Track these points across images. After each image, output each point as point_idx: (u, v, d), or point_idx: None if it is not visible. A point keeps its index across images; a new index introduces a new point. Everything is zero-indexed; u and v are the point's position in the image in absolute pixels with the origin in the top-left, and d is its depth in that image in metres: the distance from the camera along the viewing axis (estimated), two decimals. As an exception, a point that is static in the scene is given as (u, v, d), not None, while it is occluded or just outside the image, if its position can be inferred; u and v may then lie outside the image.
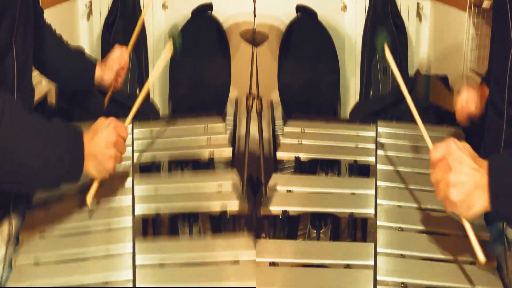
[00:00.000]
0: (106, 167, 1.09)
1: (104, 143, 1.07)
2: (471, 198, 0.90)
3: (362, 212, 1.22)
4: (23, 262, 1.06)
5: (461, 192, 0.90)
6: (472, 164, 0.91)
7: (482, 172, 0.90)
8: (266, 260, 1.07)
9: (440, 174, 0.93)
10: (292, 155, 1.49)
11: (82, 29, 2.72)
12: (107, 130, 1.09)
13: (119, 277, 1.02)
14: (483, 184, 0.90)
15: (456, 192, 0.90)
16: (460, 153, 0.92)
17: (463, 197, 0.90)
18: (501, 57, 1.11)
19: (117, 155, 1.10)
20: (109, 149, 1.08)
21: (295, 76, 2.57)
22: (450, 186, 0.91)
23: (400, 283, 1.01)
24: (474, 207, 0.91)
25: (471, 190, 0.90)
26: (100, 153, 1.07)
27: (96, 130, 1.08)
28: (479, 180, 0.90)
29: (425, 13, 2.73)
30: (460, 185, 0.90)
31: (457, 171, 0.91)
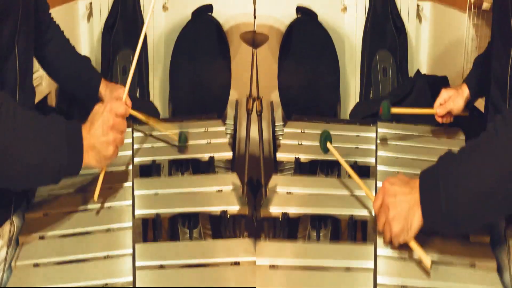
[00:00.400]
0: (106, 155, 1.06)
1: (100, 131, 1.05)
2: (408, 220, 0.97)
3: (362, 213, 1.22)
4: (23, 263, 1.06)
5: (399, 220, 0.98)
6: (404, 191, 0.98)
7: (413, 192, 0.96)
8: (266, 263, 1.07)
9: (383, 218, 1.01)
10: (292, 156, 1.49)
11: (82, 31, 2.72)
12: (102, 116, 1.07)
13: (119, 278, 1.02)
14: (416, 202, 0.96)
15: (396, 223, 0.98)
16: (394, 187, 1.00)
17: (402, 224, 0.98)
18: (501, 56, 1.10)
19: (116, 138, 1.08)
20: (107, 135, 1.06)
21: (295, 77, 2.57)
22: (391, 222, 0.99)
23: (400, 285, 1.01)
24: (412, 227, 0.98)
25: (407, 213, 0.97)
26: (98, 142, 1.05)
27: (93, 120, 1.07)
28: (412, 200, 0.96)
29: (425, 14, 2.73)
30: (397, 216, 0.98)
31: (393, 205, 0.99)
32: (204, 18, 2.57)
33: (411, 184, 0.99)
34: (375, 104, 2.35)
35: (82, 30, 2.72)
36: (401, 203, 0.98)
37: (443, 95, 1.53)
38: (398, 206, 0.98)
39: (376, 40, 2.63)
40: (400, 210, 0.98)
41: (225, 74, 2.53)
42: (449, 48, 2.47)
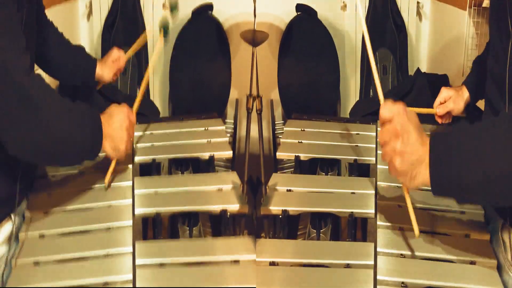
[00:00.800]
0: (120, 148, 1.19)
1: (119, 125, 1.19)
2: (413, 171, 0.93)
3: (362, 211, 1.22)
4: (23, 262, 1.06)
5: (405, 162, 0.93)
6: (417, 138, 0.94)
7: (425, 149, 0.92)
8: (266, 260, 1.07)
9: (388, 136, 0.95)
10: (292, 154, 1.49)
11: (82, 30, 2.72)
12: (121, 115, 1.20)
13: (119, 277, 1.03)
14: (425, 161, 0.92)
15: (400, 161, 0.93)
16: (409, 122, 0.95)
17: (406, 167, 0.93)
18: (499, 55, 1.10)
19: (128, 138, 1.21)
20: (123, 131, 1.20)
21: (295, 75, 2.57)
22: (396, 154, 0.94)
23: (400, 282, 1.01)
24: (416, 180, 0.93)
25: (415, 163, 0.93)
26: (116, 134, 1.18)
27: (111, 114, 1.19)
28: (423, 155, 0.92)
29: (425, 12, 2.72)
30: (405, 155, 0.93)
31: (404, 140, 0.93)
32: (204, 17, 2.57)
33: (423, 138, 0.94)
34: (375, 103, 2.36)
35: (82, 29, 2.71)
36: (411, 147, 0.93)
37: (443, 94, 1.52)
38: (409, 146, 0.93)
39: (376, 38, 2.62)
40: (410, 152, 0.92)
41: (225, 73, 2.53)
42: (449, 46, 2.47)
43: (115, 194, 1.24)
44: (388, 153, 0.95)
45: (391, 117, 0.95)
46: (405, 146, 0.93)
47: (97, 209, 1.21)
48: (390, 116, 0.96)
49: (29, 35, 1.08)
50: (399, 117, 0.95)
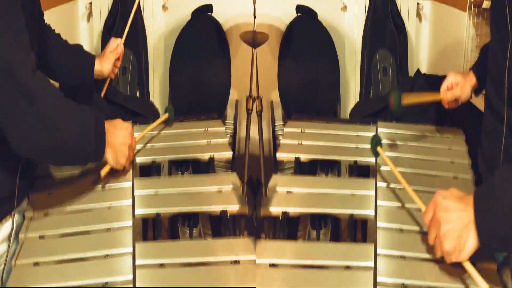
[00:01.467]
0: (120, 160, 1.23)
1: (122, 141, 1.22)
2: (461, 240, 0.91)
3: (362, 213, 1.22)
4: (23, 263, 1.06)
5: (452, 238, 0.92)
6: (458, 207, 0.93)
7: (468, 210, 0.91)
8: (266, 261, 1.07)
9: (434, 232, 0.96)
10: (292, 155, 1.49)
11: (82, 31, 2.72)
12: (125, 131, 1.23)
13: (119, 277, 1.03)
14: (470, 221, 0.90)
15: (448, 240, 0.92)
16: (446, 201, 0.94)
17: (454, 242, 0.92)
18: (498, 57, 1.10)
19: (130, 155, 1.25)
20: (125, 147, 1.22)
21: (295, 76, 2.57)
22: (442, 239, 0.93)
23: (401, 284, 1.01)
24: (466, 247, 0.91)
25: (460, 231, 0.91)
26: (118, 147, 1.21)
27: (116, 125, 1.22)
28: (466, 218, 0.91)
29: (425, 13, 2.72)
30: (450, 232, 0.92)
31: (445, 221, 0.93)
32: (204, 18, 2.57)
33: (465, 200, 0.93)
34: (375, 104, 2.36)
35: (82, 30, 2.71)
36: (454, 220, 0.92)
37: (450, 79, 1.51)
38: (451, 222, 0.92)
39: (376, 39, 2.62)
40: (453, 227, 0.92)
41: (225, 74, 2.53)
42: (449, 47, 2.47)
43: (115, 195, 1.24)
44: (438, 246, 0.95)
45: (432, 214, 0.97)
46: (447, 225, 0.92)
47: (97, 209, 1.21)
48: (431, 214, 0.97)
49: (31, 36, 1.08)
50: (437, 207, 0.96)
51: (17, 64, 0.94)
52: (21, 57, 0.96)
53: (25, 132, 0.98)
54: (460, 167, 1.41)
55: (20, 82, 0.95)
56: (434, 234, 0.96)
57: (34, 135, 0.99)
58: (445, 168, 1.41)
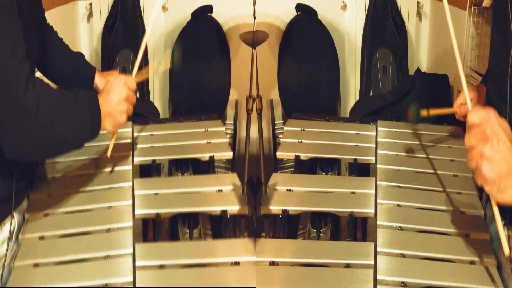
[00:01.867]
0: (120, 121, 1.20)
1: (117, 100, 1.19)
2: (503, 182, 0.86)
3: (362, 211, 1.22)
4: (23, 264, 1.07)
5: (494, 170, 0.86)
6: (509, 146, 0.87)
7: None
8: (266, 260, 1.07)
9: (475, 141, 0.89)
10: (292, 154, 1.49)
11: (82, 31, 2.72)
12: (118, 88, 1.20)
13: (119, 278, 1.03)
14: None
15: (489, 167, 0.86)
16: (499, 129, 0.88)
17: (495, 176, 0.86)
18: (500, 57, 1.10)
19: (128, 108, 1.21)
20: (122, 104, 1.19)
21: (295, 75, 2.57)
22: (483, 158, 0.87)
23: (400, 282, 1.01)
24: (505, 193, 0.87)
25: (505, 173, 0.86)
26: (115, 110, 1.18)
27: (109, 90, 1.20)
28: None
29: (425, 12, 2.72)
30: (494, 162, 0.86)
31: (494, 146, 0.87)
32: (204, 19, 2.57)
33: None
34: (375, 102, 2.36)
35: (82, 30, 2.72)
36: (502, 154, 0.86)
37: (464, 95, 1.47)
38: (498, 153, 0.86)
39: (376, 38, 2.62)
40: (499, 160, 0.86)
41: (225, 74, 2.53)
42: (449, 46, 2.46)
43: (115, 195, 1.24)
44: (474, 158, 0.88)
45: (480, 122, 0.89)
46: (494, 152, 0.86)
47: (97, 210, 1.21)
48: (479, 120, 0.90)
49: (30, 39, 1.08)
50: (490, 122, 0.89)
51: (11, 74, 0.94)
52: (15, 69, 0.95)
53: (17, 141, 0.98)
54: (461, 165, 1.41)
55: (12, 96, 0.94)
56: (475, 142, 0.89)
57: (26, 143, 0.99)
58: (445, 166, 1.40)
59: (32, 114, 0.97)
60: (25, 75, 0.97)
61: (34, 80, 0.99)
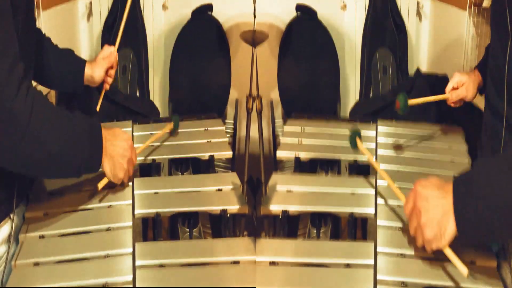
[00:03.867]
0: (118, 174, 1.18)
1: (121, 152, 1.16)
2: (442, 227, 0.93)
3: (362, 211, 1.22)
4: (23, 262, 1.06)
5: (432, 226, 0.93)
6: (437, 195, 0.94)
7: (447, 198, 0.92)
8: (266, 260, 1.07)
9: (414, 222, 0.97)
10: (292, 154, 1.49)
11: (82, 30, 2.72)
12: (125, 143, 1.17)
13: (119, 278, 1.03)
14: (450, 209, 0.91)
15: (428, 229, 0.94)
16: (426, 191, 0.96)
17: (435, 230, 0.93)
18: (498, 56, 1.10)
19: (129, 168, 1.19)
20: (124, 160, 1.17)
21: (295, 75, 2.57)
22: (423, 227, 0.94)
23: (400, 282, 1.01)
24: (446, 234, 0.93)
25: (441, 219, 0.93)
26: (116, 159, 1.15)
27: (115, 135, 1.16)
28: (446, 205, 0.92)
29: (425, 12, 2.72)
30: (430, 220, 0.94)
31: (425, 209, 0.94)
32: (204, 18, 2.57)
33: (445, 188, 0.94)
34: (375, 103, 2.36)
35: (82, 29, 2.71)
36: (434, 208, 0.93)
37: (456, 79, 1.49)
38: (431, 210, 0.94)
39: (376, 38, 2.62)
40: (433, 215, 0.93)
41: (225, 73, 2.53)
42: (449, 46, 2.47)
43: (115, 195, 1.24)
44: (418, 234, 0.97)
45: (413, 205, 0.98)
46: (427, 214, 0.94)
47: (97, 209, 1.20)
48: (412, 205, 0.99)
49: (26, 42, 1.06)
50: (417, 197, 0.97)
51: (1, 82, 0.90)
52: (5, 71, 0.90)
53: (8, 150, 0.93)
54: (460, 166, 1.41)
55: (1, 99, 0.90)
56: (415, 223, 0.97)
57: (17, 153, 0.94)
58: (445, 167, 1.41)
59: (22, 121, 0.92)
60: (17, 79, 0.92)
61: (28, 87, 0.95)
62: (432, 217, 0.93)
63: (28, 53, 1.09)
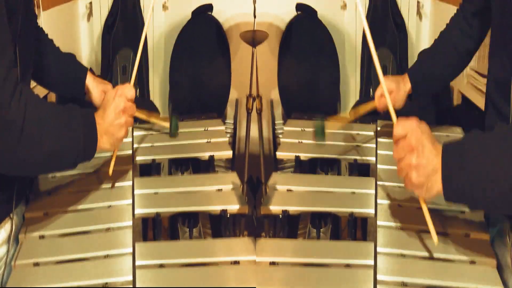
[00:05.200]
0: (119, 137, 1.14)
1: (113, 115, 1.13)
2: (429, 181, 0.94)
3: (362, 211, 1.22)
4: (23, 262, 1.06)
5: (421, 174, 0.94)
6: (431, 149, 0.94)
7: (438, 158, 0.93)
8: (266, 260, 1.07)
9: (403, 152, 0.96)
10: (292, 154, 1.49)
11: (83, 30, 2.72)
12: (114, 101, 1.15)
13: (119, 278, 1.03)
14: (438, 170, 0.93)
15: (417, 174, 0.94)
16: (422, 136, 0.96)
17: (422, 179, 0.94)
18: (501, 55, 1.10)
19: (127, 120, 1.16)
20: (119, 118, 1.14)
21: (295, 75, 2.57)
22: (412, 168, 0.94)
23: (400, 282, 1.01)
24: (432, 190, 0.94)
25: (430, 173, 0.93)
26: (112, 126, 1.13)
27: (105, 106, 1.15)
28: (436, 165, 0.93)
29: (425, 11, 2.72)
30: (421, 168, 0.94)
31: (419, 154, 0.94)
32: (204, 18, 2.57)
33: (437, 147, 0.94)
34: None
35: (82, 29, 2.72)
36: (426, 159, 0.93)
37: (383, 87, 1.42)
38: (424, 159, 0.93)
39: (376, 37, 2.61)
40: (425, 164, 0.93)
41: (225, 73, 2.53)
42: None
43: (115, 195, 1.24)
44: (404, 168, 0.96)
45: (405, 134, 0.96)
46: (420, 159, 0.94)
47: (97, 209, 1.20)
48: (404, 133, 0.97)
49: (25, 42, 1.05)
50: (413, 132, 0.96)
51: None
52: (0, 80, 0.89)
53: (5, 156, 0.93)
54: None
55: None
56: (402, 154, 0.96)
57: (13, 157, 0.94)
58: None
59: (17, 125, 0.91)
60: (12, 84, 0.91)
61: (21, 90, 0.93)
62: (424, 166, 0.93)
63: (27, 53, 1.09)
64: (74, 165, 1.08)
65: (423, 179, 0.94)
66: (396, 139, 0.98)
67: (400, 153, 0.97)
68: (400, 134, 0.97)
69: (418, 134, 0.95)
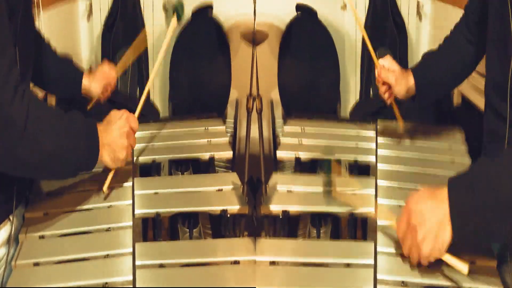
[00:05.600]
0: (120, 157, 1.16)
1: (118, 133, 1.15)
2: (439, 237, 0.92)
3: (362, 211, 1.22)
4: (23, 263, 1.06)
5: (430, 240, 0.92)
6: (431, 206, 0.92)
7: (441, 206, 0.91)
8: (266, 260, 1.07)
9: (409, 241, 0.95)
10: (292, 154, 1.49)
11: (82, 30, 2.72)
12: (120, 121, 1.16)
13: (119, 278, 1.03)
14: (445, 216, 0.90)
15: (425, 244, 0.93)
16: (419, 206, 0.94)
17: (432, 243, 0.92)
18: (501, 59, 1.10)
19: (129, 145, 1.17)
20: (123, 139, 1.15)
21: (295, 75, 2.57)
22: (420, 244, 0.93)
23: (400, 282, 1.01)
24: (444, 243, 0.92)
25: (437, 229, 0.91)
26: (114, 143, 1.14)
27: (110, 121, 1.16)
28: (440, 214, 0.91)
29: (426, 12, 2.72)
30: (428, 235, 0.92)
31: (421, 224, 0.93)
32: (204, 18, 2.57)
33: (438, 196, 0.92)
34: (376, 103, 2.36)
35: (82, 29, 2.71)
36: (429, 220, 0.91)
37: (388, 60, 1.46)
38: (427, 224, 0.92)
39: (376, 38, 2.62)
40: (430, 228, 0.91)
41: (225, 73, 2.53)
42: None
43: (115, 195, 1.24)
44: (415, 253, 0.95)
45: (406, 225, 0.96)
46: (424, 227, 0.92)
47: (97, 210, 1.21)
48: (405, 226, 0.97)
49: (24, 42, 1.05)
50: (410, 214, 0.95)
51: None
52: (1, 80, 0.90)
53: (6, 154, 0.93)
54: (460, 166, 1.41)
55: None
56: (409, 242, 0.96)
57: (13, 156, 0.94)
58: (445, 167, 1.41)
59: (18, 125, 0.91)
60: (13, 83, 0.92)
61: (24, 90, 0.94)
62: (429, 230, 0.92)
63: (27, 53, 1.09)
64: (75, 172, 1.09)
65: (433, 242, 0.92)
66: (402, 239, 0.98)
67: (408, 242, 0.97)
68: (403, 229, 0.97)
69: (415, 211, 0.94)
